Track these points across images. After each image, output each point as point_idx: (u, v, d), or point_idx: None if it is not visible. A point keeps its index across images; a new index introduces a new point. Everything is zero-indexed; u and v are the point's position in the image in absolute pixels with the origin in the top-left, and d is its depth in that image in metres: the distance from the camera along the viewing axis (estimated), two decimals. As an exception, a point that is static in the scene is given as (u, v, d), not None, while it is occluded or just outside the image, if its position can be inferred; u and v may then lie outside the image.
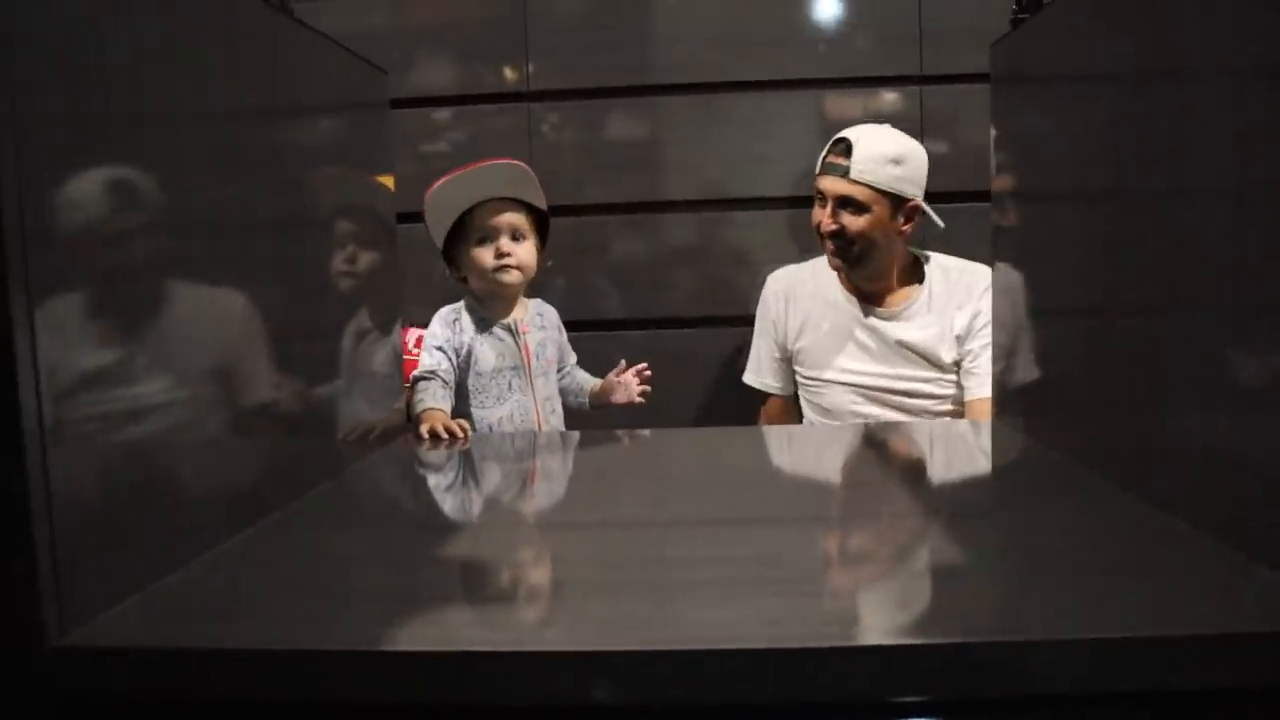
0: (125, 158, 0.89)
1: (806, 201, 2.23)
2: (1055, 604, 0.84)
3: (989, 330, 1.90)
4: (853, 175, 2.02)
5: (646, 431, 1.83)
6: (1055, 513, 1.14)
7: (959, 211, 2.34)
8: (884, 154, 2.03)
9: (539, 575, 1.02)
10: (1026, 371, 1.48)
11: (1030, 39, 1.44)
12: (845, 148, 2.04)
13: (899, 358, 2.11)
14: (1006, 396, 1.57)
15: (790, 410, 2.32)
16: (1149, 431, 1.08)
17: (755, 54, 2.41)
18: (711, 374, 2.48)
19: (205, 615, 0.86)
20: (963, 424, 1.84)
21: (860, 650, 0.74)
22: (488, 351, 1.87)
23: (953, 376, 2.08)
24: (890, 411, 2.10)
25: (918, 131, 2.40)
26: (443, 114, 2.49)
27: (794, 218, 2.44)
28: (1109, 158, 1.18)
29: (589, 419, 2.04)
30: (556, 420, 1.94)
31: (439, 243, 1.90)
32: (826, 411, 2.18)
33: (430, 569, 1.05)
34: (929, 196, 2.09)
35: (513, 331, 1.89)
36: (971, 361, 2.05)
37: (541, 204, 1.91)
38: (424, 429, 1.66)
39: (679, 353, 2.50)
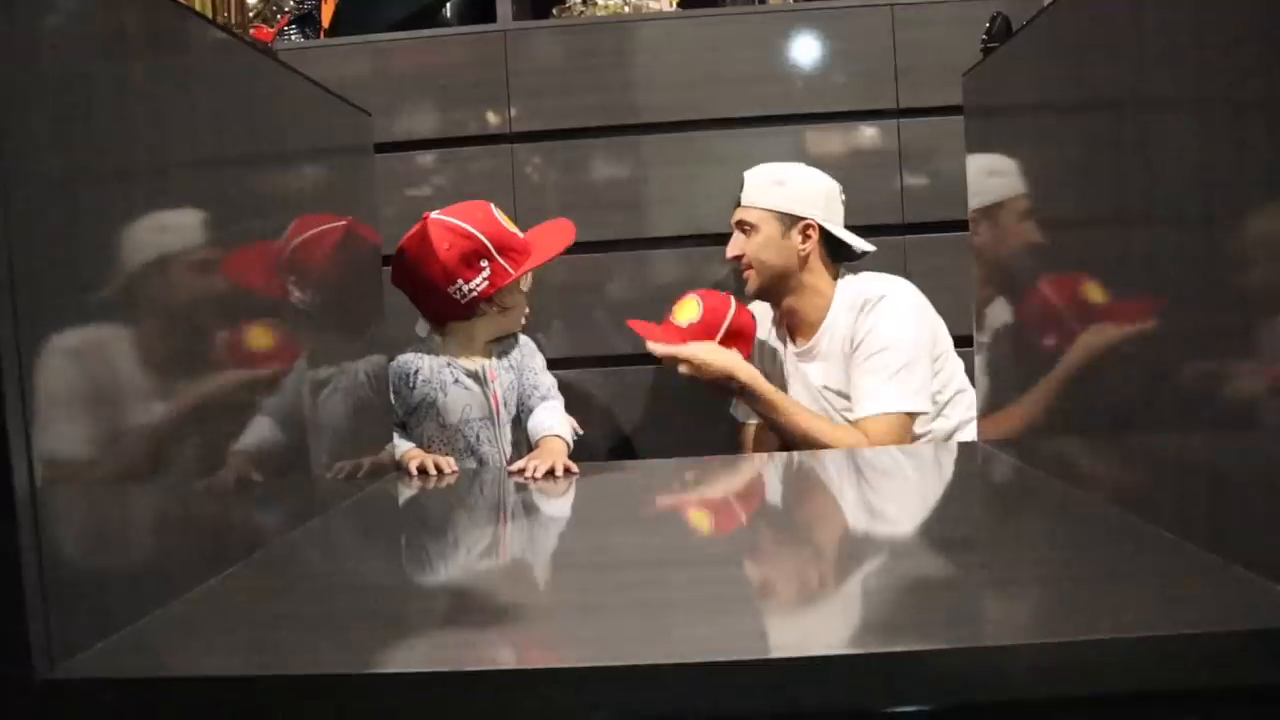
0: (114, 202, 0.90)
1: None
2: (1043, 611, 0.85)
3: (874, 343, 2.00)
4: (743, 201, 2.18)
5: (633, 463, 1.84)
6: (1040, 526, 1.15)
7: (940, 242, 2.37)
8: (767, 178, 2.18)
9: (526, 599, 1.02)
10: (1008, 393, 1.50)
11: (1001, 69, 1.47)
12: (741, 184, 2.20)
13: (821, 399, 2.15)
14: (989, 417, 1.58)
15: (764, 434, 2.35)
16: (1129, 447, 1.10)
17: (735, 91, 2.45)
18: (700, 407, 2.49)
19: (193, 646, 0.86)
20: (945, 446, 1.85)
21: (848, 659, 0.75)
22: (452, 402, 1.79)
23: None
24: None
25: (896, 164, 2.43)
26: (426, 158, 2.51)
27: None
28: (1080, 183, 1.20)
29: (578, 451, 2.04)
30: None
31: None
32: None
33: (414, 597, 1.05)
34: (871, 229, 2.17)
35: (481, 380, 1.81)
36: (858, 377, 2.06)
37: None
38: (412, 466, 1.66)
39: (666, 387, 2.50)
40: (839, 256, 2.18)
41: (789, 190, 2.16)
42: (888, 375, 2.01)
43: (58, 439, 0.79)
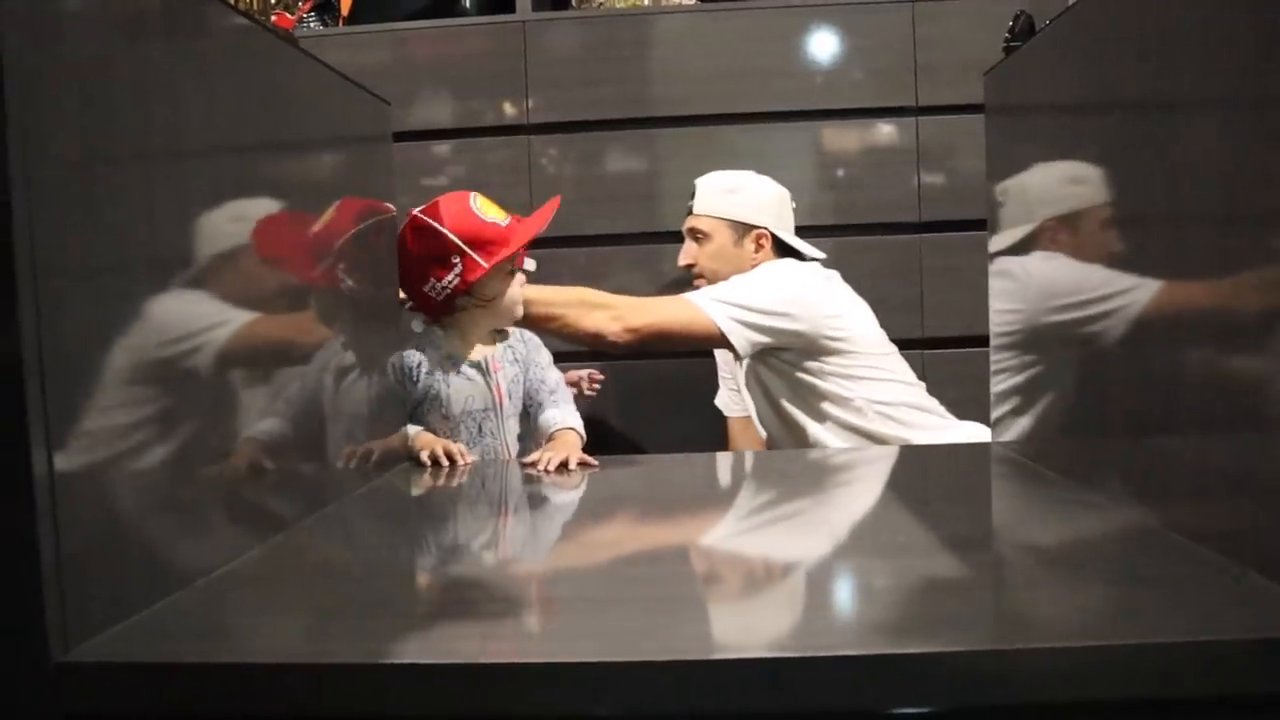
0: (133, 189, 0.90)
1: (805, 231, 2.25)
2: (1056, 614, 0.85)
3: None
4: (695, 210, 2.19)
5: (643, 458, 1.84)
6: (1055, 529, 1.15)
7: (957, 241, 2.36)
8: (719, 186, 2.18)
9: (535, 592, 1.02)
10: (1024, 394, 1.49)
11: (1023, 67, 1.46)
12: (693, 191, 2.21)
13: (774, 404, 2.15)
14: (1005, 419, 1.58)
15: (749, 429, 2.36)
16: (1146, 450, 1.09)
17: (753, 86, 2.44)
18: (705, 400, 2.49)
19: (208, 632, 0.86)
20: (959, 447, 1.85)
21: (856, 659, 0.75)
22: (454, 393, 1.76)
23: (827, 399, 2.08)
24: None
25: (914, 162, 2.42)
26: (443, 148, 2.51)
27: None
28: (1101, 184, 1.20)
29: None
30: None
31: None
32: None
33: (425, 588, 1.05)
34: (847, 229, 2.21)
35: (484, 370, 1.78)
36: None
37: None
38: (424, 455, 1.66)
39: (678, 382, 2.50)
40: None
41: (741, 198, 2.16)
42: (720, 285, 2.03)
43: (76, 421, 0.80)
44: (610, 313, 1.95)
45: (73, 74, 0.82)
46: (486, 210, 1.77)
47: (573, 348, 2.07)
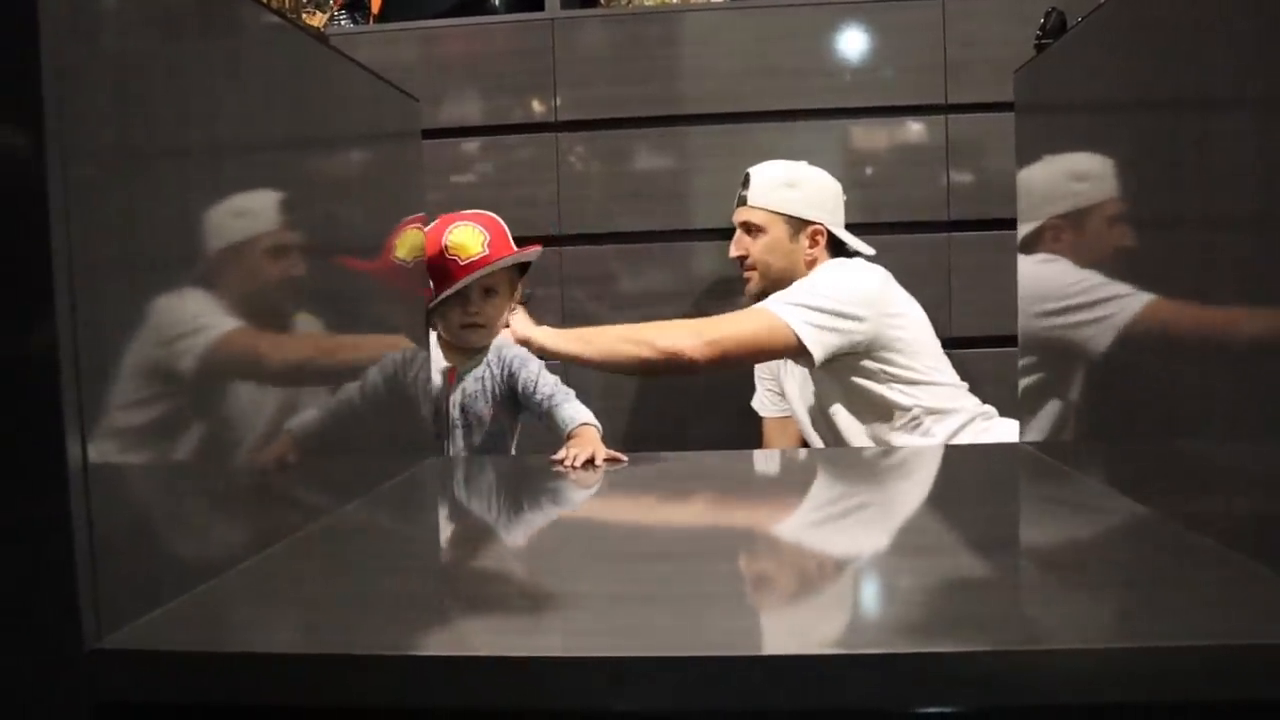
0: (166, 186, 0.91)
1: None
2: (1082, 616, 0.84)
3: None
4: (750, 202, 2.15)
5: (669, 454, 1.84)
6: (1082, 530, 1.14)
7: (986, 240, 2.35)
8: (777, 178, 2.15)
9: (560, 587, 1.03)
10: (1051, 395, 1.48)
11: (1054, 65, 1.45)
12: (746, 180, 2.17)
13: (814, 400, 2.15)
14: (1032, 419, 1.57)
15: (785, 430, 2.37)
16: (1175, 452, 1.08)
17: (781, 84, 2.44)
18: (738, 401, 2.49)
19: (238, 621, 0.87)
20: (986, 448, 1.84)
21: (880, 657, 0.75)
22: (430, 394, 1.77)
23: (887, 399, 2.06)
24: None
25: (943, 160, 2.41)
26: (472, 145, 2.53)
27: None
28: (1132, 184, 1.19)
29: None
30: None
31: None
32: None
33: (452, 581, 1.06)
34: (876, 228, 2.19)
35: (443, 381, 1.81)
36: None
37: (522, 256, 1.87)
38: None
39: (710, 384, 2.50)
40: (838, 256, 2.17)
41: (800, 193, 2.14)
42: (789, 291, 2.01)
43: (110, 413, 0.81)
44: (687, 329, 1.92)
45: (109, 72, 0.83)
46: (454, 242, 1.81)
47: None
